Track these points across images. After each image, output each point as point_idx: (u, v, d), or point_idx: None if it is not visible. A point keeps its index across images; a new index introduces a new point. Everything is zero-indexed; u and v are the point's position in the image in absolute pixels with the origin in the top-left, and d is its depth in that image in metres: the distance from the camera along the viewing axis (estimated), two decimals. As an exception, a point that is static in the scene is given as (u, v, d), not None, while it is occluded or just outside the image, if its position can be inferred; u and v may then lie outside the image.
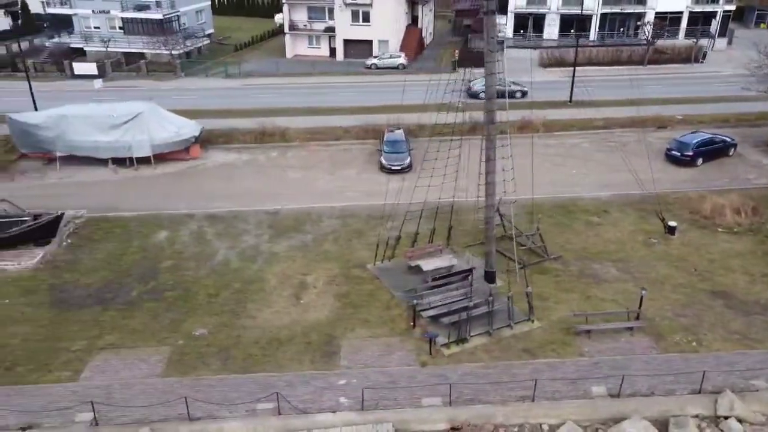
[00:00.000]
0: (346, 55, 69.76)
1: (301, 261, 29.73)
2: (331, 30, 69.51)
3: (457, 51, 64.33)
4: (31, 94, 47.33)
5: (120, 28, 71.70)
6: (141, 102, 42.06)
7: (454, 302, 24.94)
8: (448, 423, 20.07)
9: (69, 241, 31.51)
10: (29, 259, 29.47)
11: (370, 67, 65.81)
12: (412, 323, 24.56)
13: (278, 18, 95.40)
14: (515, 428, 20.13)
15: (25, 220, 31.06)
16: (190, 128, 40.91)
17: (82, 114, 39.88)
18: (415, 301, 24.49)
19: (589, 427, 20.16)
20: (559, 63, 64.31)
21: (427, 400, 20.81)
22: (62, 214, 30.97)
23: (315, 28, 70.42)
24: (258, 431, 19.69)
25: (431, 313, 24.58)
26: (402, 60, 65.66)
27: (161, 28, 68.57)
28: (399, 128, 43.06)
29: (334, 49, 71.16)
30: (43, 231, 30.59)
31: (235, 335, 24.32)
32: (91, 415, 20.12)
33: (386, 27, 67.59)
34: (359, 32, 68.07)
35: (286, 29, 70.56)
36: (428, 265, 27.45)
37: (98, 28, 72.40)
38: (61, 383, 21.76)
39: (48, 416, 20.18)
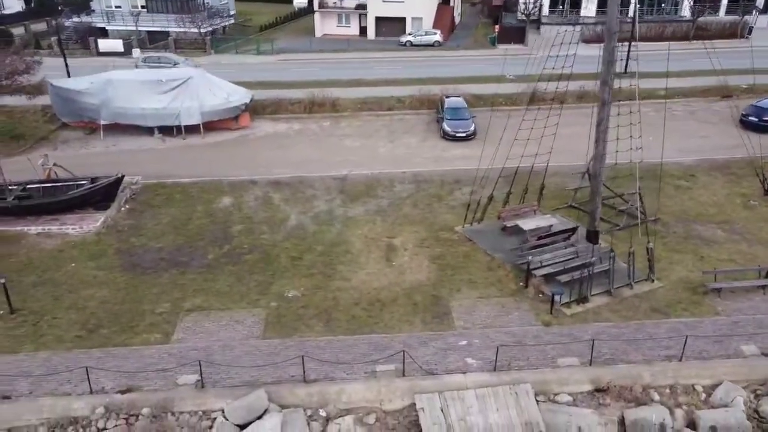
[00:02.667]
0: (377, 33, 67.64)
1: (381, 224, 27.74)
2: (362, 7, 67.41)
3: (497, 27, 62.19)
4: (66, 66, 45.20)
5: (142, 6, 69.47)
6: (190, 67, 39.86)
7: (567, 260, 22.94)
8: (591, 384, 18.04)
9: (127, 206, 29.42)
10: (91, 223, 27.39)
11: (404, 45, 63.83)
12: (523, 283, 22.59)
13: (297, 2, 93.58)
14: (666, 389, 18.16)
15: (83, 184, 28.92)
16: (240, 95, 38.81)
17: (129, 79, 37.74)
18: (529, 258, 22.45)
19: (747, 387, 18.15)
20: (601, 39, 62.13)
21: (562, 360, 18.80)
22: (122, 176, 28.81)
23: (345, 6, 68.32)
24: (383, 393, 17.63)
25: (544, 271, 22.55)
26: (437, 37, 63.67)
27: (186, 6, 66.47)
28: (458, 96, 41.04)
29: (365, 27, 69.14)
30: (101, 195, 28.45)
31: (332, 297, 22.31)
32: (194, 377, 18.01)
33: (420, 4, 65.51)
34: (392, 9, 66.04)
35: (316, 7, 68.39)
36: (527, 224, 25.45)
37: (119, 7, 70.23)
38: (154, 345, 19.65)
39: (146, 378, 18.09)
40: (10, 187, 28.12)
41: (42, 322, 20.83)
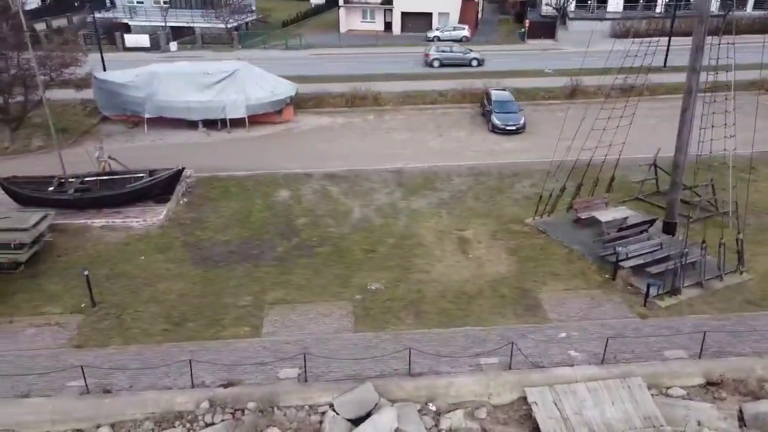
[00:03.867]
0: (403, 28, 67.10)
1: (448, 217, 27.25)
2: (388, 3, 66.86)
3: (527, 22, 61.69)
4: (102, 60, 44.67)
5: (165, 2, 68.90)
6: (234, 60, 39.34)
7: (654, 251, 22.48)
8: (702, 377, 17.56)
9: (185, 199, 28.88)
10: (154, 216, 26.86)
11: (432, 40, 63.21)
12: (609, 275, 22.12)
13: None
14: (781, 382, 17.65)
15: (141, 177, 28.39)
16: (285, 88, 38.29)
17: (175, 72, 37.18)
18: (619, 250, 21.96)
19: None
20: (632, 34, 61.74)
21: (669, 352, 18.31)
22: (182, 169, 28.27)
23: (370, 1, 67.81)
24: (491, 387, 17.14)
25: (631, 263, 22.06)
26: (465, 32, 63.23)
27: (210, 2, 65.95)
28: (502, 89, 40.60)
29: (389, 23, 68.69)
30: (162, 187, 27.92)
31: (416, 289, 21.80)
32: (294, 370, 17.52)
33: (447, -1, 65.04)
34: (419, 4, 65.56)
35: (341, 2, 67.84)
36: (604, 216, 24.95)
37: (141, 2, 69.66)
38: (245, 338, 19.12)
39: (245, 372, 17.56)
40: (69, 180, 27.56)
41: (125, 315, 20.30)
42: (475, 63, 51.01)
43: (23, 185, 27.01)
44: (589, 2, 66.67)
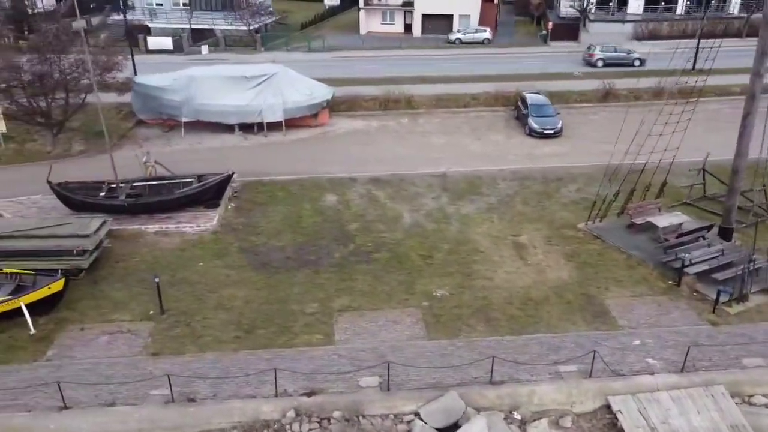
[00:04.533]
0: (423, 30, 67.06)
1: (499, 222, 27.26)
2: (408, 5, 66.82)
3: (551, 23, 61.66)
4: (133, 63, 44.58)
5: (185, 4, 68.86)
6: (270, 63, 39.31)
7: (717, 258, 22.47)
8: (784, 385, 17.55)
9: (233, 204, 28.84)
10: (206, 221, 26.83)
11: (453, 42, 63.32)
12: (673, 281, 22.11)
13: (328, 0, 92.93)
14: None
15: (190, 182, 28.36)
16: (322, 91, 38.28)
17: (213, 75, 37.16)
18: (684, 256, 21.95)
19: None
20: (653, 36, 61.95)
21: (748, 360, 18.32)
22: (232, 174, 28.22)
23: (390, 3, 67.77)
24: (574, 395, 17.12)
25: (696, 269, 22.04)
26: (487, 35, 63.21)
27: (230, 3, 65.92)
28: (536, 92, 40.62)
29: (409, 25, 68.66)
30: (212, 192, 27.88)
31: (481, 296, 21.78)
32: (374, 379, 17.52)
33: (468, 1, 64.98)
34: (440, 6, 65.52)
35: (361, 4, 67.82)
36: (660, 221, 24.95)
37: (161, 4, 69.57)
38: (319, 346, 19.09)
39: (326, 381, 17.54)
40: (120, 185, 27.54)
41: (194, 323, 20.26)
42: (637, 63, 51.40)
43: (75, 190, 26.98)
44: (610, 4, 66.55)
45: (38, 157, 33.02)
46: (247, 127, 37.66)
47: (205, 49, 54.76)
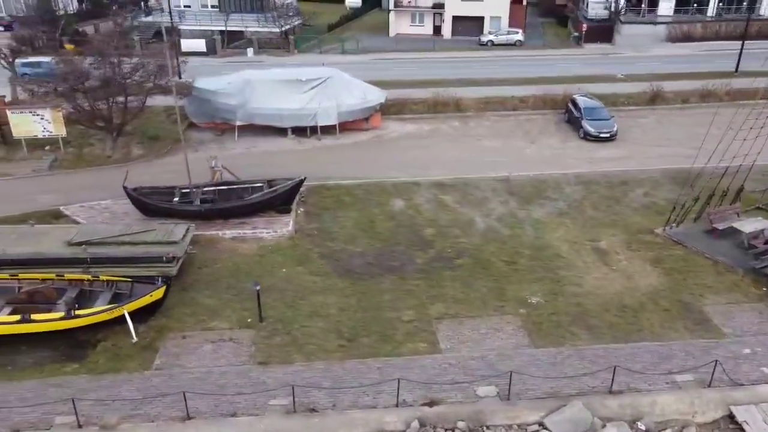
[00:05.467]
0: (453, 32, 66.89)
1: (573, 227, 27.14)
2: (439, 6, 66.65)
3: (584, 25, 61.50)
4: (178, 66, 44.29)
5: (213, 6, 68.74)
6: (324, 67, 39.18)
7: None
8: None
9: (301, 209, 28.67)
10: (281, 226, 26.68)
11: (485, 44, 63.16)
12: (768, 288, 21.98)
13: (349, 2, 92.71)
14: None
15: (260, 187, 28.23)
16: (375, 95, 38.13)
17: (267, 79, 37.03)
18: (778, 263, 21.83)
19: None
20: (687, 38, 61.78)
21: None
22: (304, 178, 28.06)
23: (421, 5, 67.59)
24: (695, 405, 16.97)
25: (792, 276, 21.91)
26: (519, 36, 63.08)
27: (260, 5, 65.81)
28: (587, 95, 40.46)
29: (438, 27, 68.46)
30: (284, 197, 27.74)
31: (575, 302, 21.66)
32: (491, 388, 17.40)
33: (499, 3, 64.82)
34: (470, 8, 65.33)
35: (391, 6, 67.64)
36: (745, 227, 24.81)
37: (188, 6, 69.42)
38: (427, 355, 18.95)
39: (442, 390, 17.38)
40: (193, 190, 27.41)
41: (294, 331, 20.13)
42: None
43: (149, 196, 26.84)
44: (642, 6, 66.33)
45: (99, 162, 32.90)
46: (299, 131, 37.50)
47: (250, 51, 54.61)
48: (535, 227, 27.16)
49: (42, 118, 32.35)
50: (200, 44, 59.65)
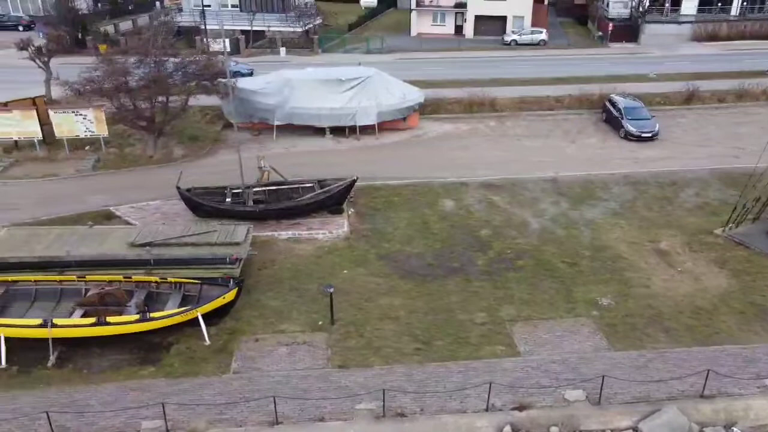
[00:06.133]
0: (476, 31, 66.58)
1: (629, 228, 26.86)
2: (461, 6, 66.36)
3: (610, 25, 61.18)
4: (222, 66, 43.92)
5: (233, 5, 68.41)
6: (362, 66, 38.88)
7: None
8: None
9: (352, 210, 28.36)
10: (336, 227, 26.39)
11: (509, 44, 62.83)
12: None
13: (364, 1, 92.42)
14: None
15: (310, 187, 27.95)
16: (414, 95, 37.83)
17: (307, 78, 36.70)
18: None
19: None
20: (712, 37, 61.52)
21: None
22: (356, 179, 27.75)
23: (443, 4, 67.30)
24: (792, 410, 16.65)
25: None
26: (543, 36, 62.77)
27: (281, 5, 65.51)
28: (625, 95, 40.16)
29: (460, 26, 68.17)
30: (337, 198, 27.45)
31: (646, 304, 21.37)
32: (579, 392, 17.09)
33: (522, 2, 64.52)
34: (493, 8, 65.02)
35: (413, 5, 67.35)
36: (809, 228, 24.49)
37: (209, 6, 69.00)
38: (506, 358, 18.65)
39: (530, 394, 17.08)
40: (244, 191, 27.14)
41: (367, 334, 19.83)
42: None
43: (202, 196, 26.55)
44: (665, 5, 66.00)
45: (142, 162, 32.60)
46: (337, 131, 37.19)
47: (283, 51, 54.30)
48: (590, 228, 26.87)
49: (84, 118, 32.06)
50: (225, 44, 59.06)
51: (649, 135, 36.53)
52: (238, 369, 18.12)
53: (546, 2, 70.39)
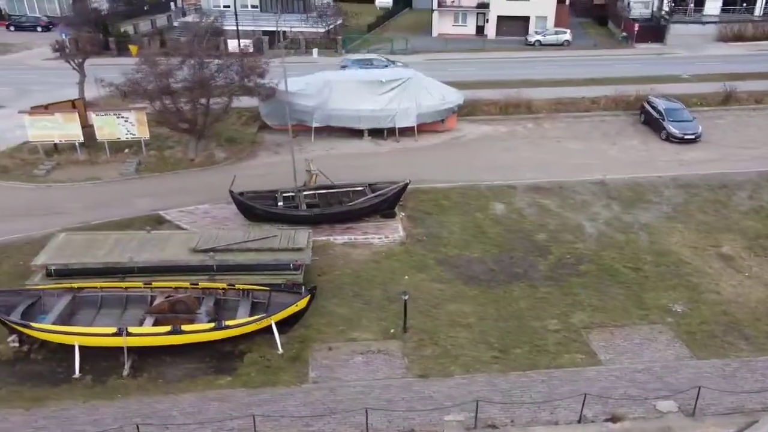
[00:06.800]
0: (498, 32, 66.17)
1: (687, 232, 26.51)
2: (483, 6, 65.97)
3: (637, 25, 60.74)
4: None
5: (253, 6, 68.06)
6: (404, 68, 38.49)
7: None
8: None
9: (403, 213, 27.93)
10: (392, 232, 25.98)
11: (533, 44, 62.41)
12: None
13: (380, 2, 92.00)
14: None
15: (361, 190, 27.59)
16: (453, 96, 37.40)
17: (347, 80, 36.32)
18: None
19: None
20: (738, 38, 61.10)
21: None
22: (408, 182, 27.35)
23: (464, 5, 66.90)
24: None
25: None
26: (567, 36, 62.36)
27: (301, 6, 65.15)
28: (663, 96, 39.74)
29: (481, 27, 67.75)
30: (390, 202, 27.07)
31: (720, 311, 21.06)
32: (670, 403, 16.67)
33: (545, 3, 64.13)
34: (516, 8, 64.62)
35: (435, 6, 66.95)
36: None
37: (228, 6, 68.67)
38: (588, 367, 18.25)
39: (619, 405, 16.67)
40: (294, 194, 26.77)
41: (441, 342, 19.44)
42: None
43: (255, 200, 26.16)
44: (689, 5, 65.56)
45: (183, 165, 32.19)
46: (375, 133, 36.78)
47: (315, 52, 53.89)
48: (647, 232, 26.49)
49: (126, 120, 31.64)
50: (247, 45, 58.78)
51: (692, 137, 36.12)
52: (316, 379, 17.73)
53: (567, 2, 69.95)
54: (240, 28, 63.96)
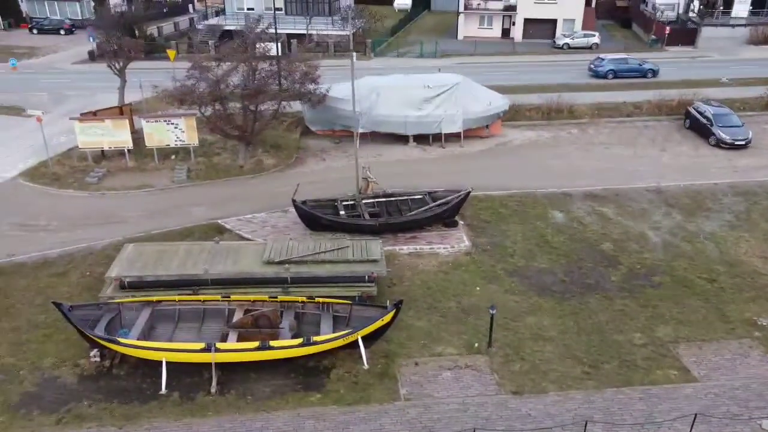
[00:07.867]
0: (524, 35, 65.76)
1: (755, 242, 26.16)
2: (510, 9, 65.56)
3: (668, 29, 60.28)
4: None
5: (278, 9, 67.56)
6: (451, 73, 38.10)
7: None
8: None
9: (462, 222, 27.51)
10: (457, 241, 25.58)
11: (561, 47, 61.97)
12: None
13: (398, 4, 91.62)
14: None
15: (421, 198, 27.20)
16: (500, 102, 37.01)
17: (394, 85, 35.92)
18: None
19: None
20: (768, 40, 60.59)
21: None
22: (471, 190, 26.95)
23: (491, 8, 66.49)
24: None
25: None
26: (596, 39, 61.92)
27: (326, 8, 64.80)
28: (708, 101, 39.27)
29: (507, 29, 67.34)
30: (452, 210, 26.70)
31: (810, 325, 20.49)
32: (775, 422, 16.21)
33: (573, 5, 63.72)
34: (543, 11, 64.26)
35: (461, 8, 66.56)
36: None
37: (252, 9, 68.35)
38: (685, 384, 17.86)
39: (724, 425, 16.25)
40: (355, 203, 26.40)
41: (527, 356, 19.03)
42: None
43: (316, 209, 25.78)
44: (718, 8, 65.11)
45: (234, 172, 31.81)
46: (421, 138, 36.38)
47: (354, 56, 53.40)
48: (713, 241, 26.06)
49: (176, 127, 31.29)
50: (272, 47, 58.36)
51: (743, 142, 35.66)
52: (408, 396, 17.32)
53: (593, 5, 69.56)
54: (272, 31, 63.56)
